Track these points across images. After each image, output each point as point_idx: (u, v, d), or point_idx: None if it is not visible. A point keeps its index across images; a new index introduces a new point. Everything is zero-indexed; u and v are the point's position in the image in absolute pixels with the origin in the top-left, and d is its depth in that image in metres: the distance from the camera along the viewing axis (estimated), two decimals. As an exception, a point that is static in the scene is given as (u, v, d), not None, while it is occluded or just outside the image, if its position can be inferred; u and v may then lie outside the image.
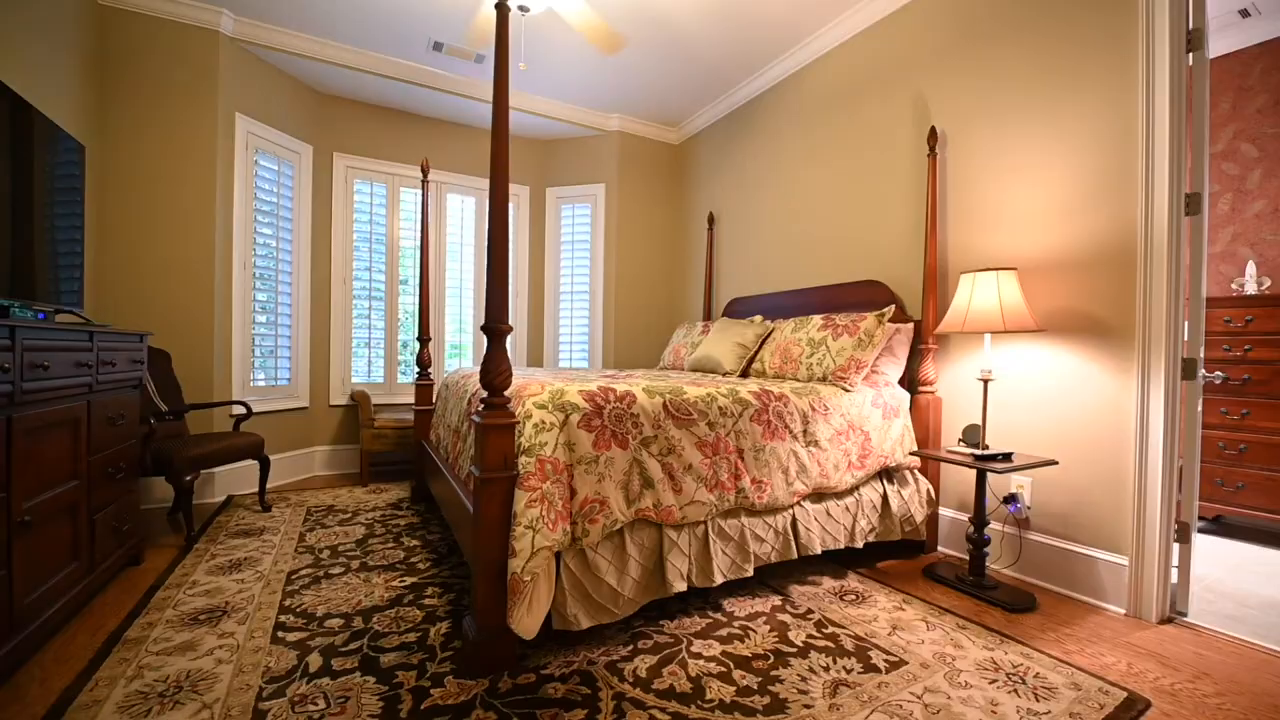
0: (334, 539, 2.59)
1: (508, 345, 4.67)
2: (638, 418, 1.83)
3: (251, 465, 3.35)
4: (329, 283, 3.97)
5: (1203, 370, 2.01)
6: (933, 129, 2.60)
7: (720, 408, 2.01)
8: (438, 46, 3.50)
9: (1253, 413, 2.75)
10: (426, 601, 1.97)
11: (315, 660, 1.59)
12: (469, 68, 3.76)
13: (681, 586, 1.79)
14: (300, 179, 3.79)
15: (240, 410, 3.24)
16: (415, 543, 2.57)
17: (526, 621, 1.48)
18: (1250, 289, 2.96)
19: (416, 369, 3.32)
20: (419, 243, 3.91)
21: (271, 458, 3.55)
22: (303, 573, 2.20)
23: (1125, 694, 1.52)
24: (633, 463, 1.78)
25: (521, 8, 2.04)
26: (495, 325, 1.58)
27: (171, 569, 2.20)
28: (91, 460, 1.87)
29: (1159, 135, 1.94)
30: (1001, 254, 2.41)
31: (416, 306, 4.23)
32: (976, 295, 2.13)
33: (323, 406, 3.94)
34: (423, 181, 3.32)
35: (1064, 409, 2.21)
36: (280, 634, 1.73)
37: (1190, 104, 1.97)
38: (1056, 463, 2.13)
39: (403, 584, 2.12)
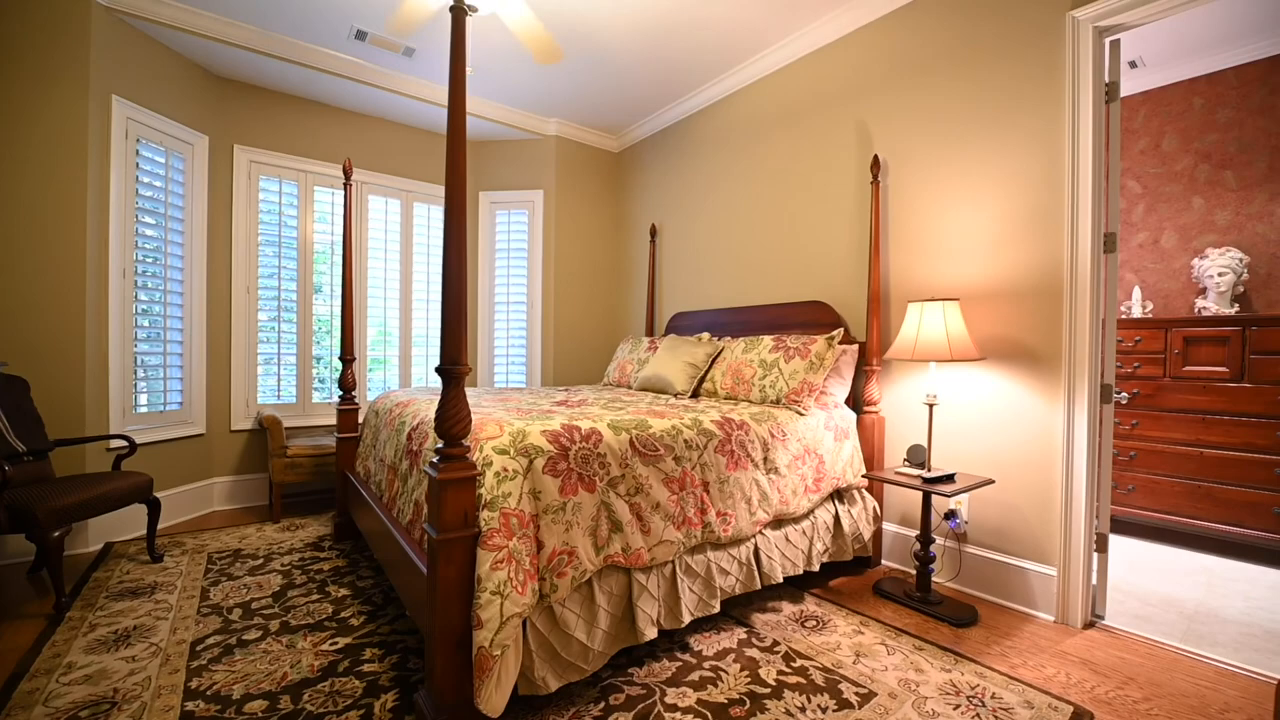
0: (245, 593, 2.28)
1: (434, 361, 4.39)
2: (604, 457, 1.72)
3: (136, 507, 2.90)
4: (229, 291, 3.52)
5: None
6: (875, 157, 2.68)
7: (686, 440, 1.95)
8: (361, 35, 3.19)
9: (1141, 423, 3.08)
10: (366, 668, 1.76)
11: (236, 760, 1.36)
12: (396, 60, 3.46)
13: (653, 633, 1.71)
14: (193, 173, 3.33)
15: (121, 444, 2.79)
16: (344, 592, 2.31)
17: (495, 699, 1.34)
18: (1136, 312, 3.31)
19: (339, 392, 3.00)
20: (341, 252, 3.56)
21: (162, 495, 3.09)
22: (210, 641, 1.90)
23: (1071, 708, 1.62)
24: (600, 506, 1.68)
25: (470, 7, 1.87)
26: (453, 367, 1.42)
27: (38, 649, 1.83)
28: (-77, 530, 1.50)
29: (1083, 178, 2.09)
30: (941, 281, 2.53)
31: (333, 319, 3.85)
32: (925, 325, 2.21)
33: (223, 432, 3.48)
34: (345, 184, 3.01)
35: (998, 429, 2.34)
36: (188, 728, 1.47)
37: (1107, 150, 2.15)
38: (994, 481, 2.26)
39: (335, 647, 1.88)
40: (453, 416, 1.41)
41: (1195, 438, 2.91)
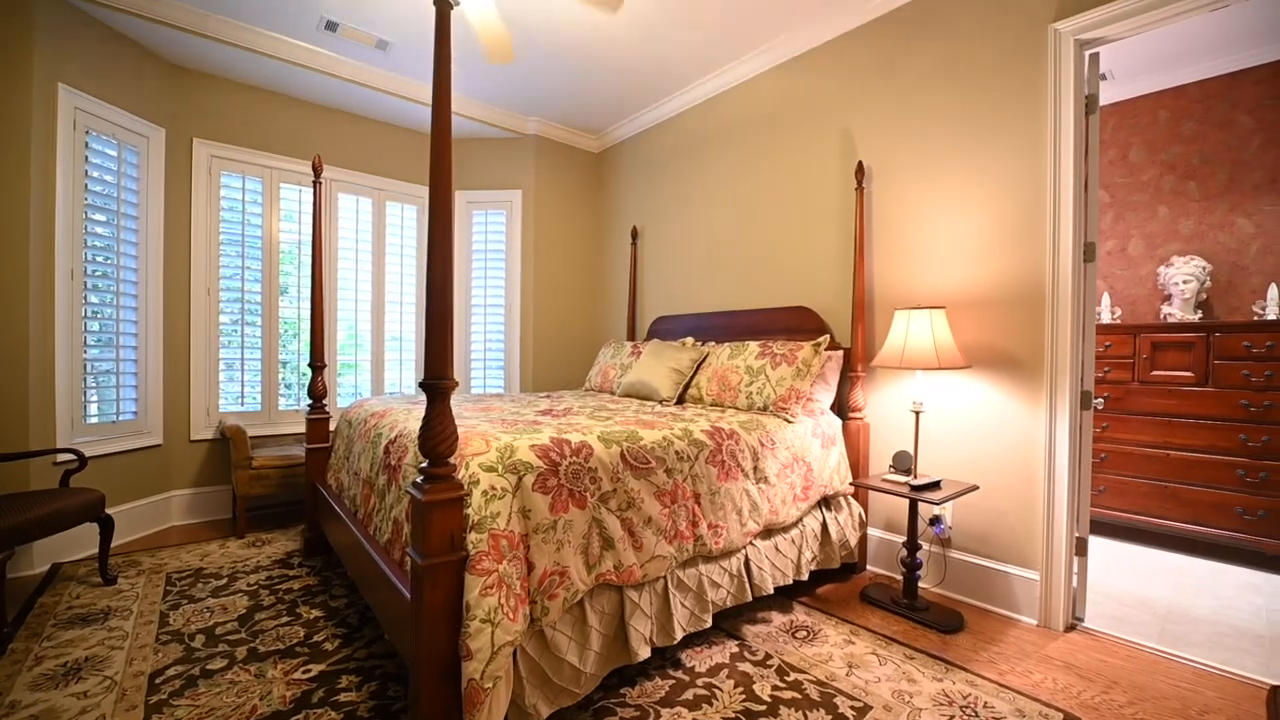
0: (208, 617, 2.14)
1: (408, 365, 4.18)
2: (595, 472, 1.67)
3: (87, 525, 2.70)
4: (188, 293, 3.33)
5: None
6: (860, 164, 2.68)
7: (678, 452, 1.90)
8: (331, 26, 3.05)
9: (1111, 426, 3.16)
10: (343, 697, 1.66)
11: (202, 808, 1.26)
12: (369, 54, 3.32)
13: (646, 653, 1.66)
14: (148, 168, 3.14)
15: (70, 458, 2.60)
16: (316, 613, 2.19)
17: (487, 733, 1.27)
18: (1106, 318, 3.41)
19: (309, 400, 2.87)
20: (310, 253, 3.40)
21: (116, 511, 2.90)
22: (170, 672, 1.77)
23: (1061, 715, 1.63)
24: (592, 523, 1.62)
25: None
26: (438, 382, 1.34)
27: (-27, 688, 1.68)
28: None
29: (1064, 188, 2.12)
30: (925, 288, 2.55)
31: (300, 321, 3.69)
32: (912, 333, 2.21)
33: (181, 443, 3.30)
34: (314, 181, 2.87)
35: (982, 435, 2.36)
36: (147, 773, 1.36)
37: (1086, 161, 2.18)
38: (978, 487, 2.28)
39: (308, 675, 1.77)
40: (438, 434, 1.33)
41: (1163, 440, 3.00)
